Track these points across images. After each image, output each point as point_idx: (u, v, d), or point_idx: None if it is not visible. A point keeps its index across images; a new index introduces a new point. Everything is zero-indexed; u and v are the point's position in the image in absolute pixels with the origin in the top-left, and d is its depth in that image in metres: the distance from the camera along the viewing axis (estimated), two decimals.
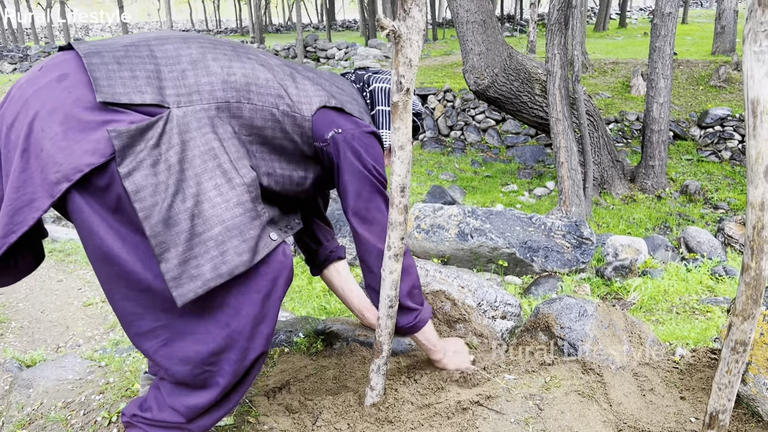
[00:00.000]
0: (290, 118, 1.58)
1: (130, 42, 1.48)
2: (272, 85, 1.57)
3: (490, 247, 4.30)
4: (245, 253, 1.38)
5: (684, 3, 26.98)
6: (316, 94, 1.66)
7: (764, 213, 1.25)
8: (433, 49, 20.05)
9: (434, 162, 11.41)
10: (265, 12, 46.30)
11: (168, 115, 1.36)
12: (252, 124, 1.51)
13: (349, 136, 1.66)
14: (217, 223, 1.35)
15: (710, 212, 8.16)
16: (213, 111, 1.44)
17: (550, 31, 6.98)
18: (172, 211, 1.31)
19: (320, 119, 1.64)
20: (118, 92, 1.33)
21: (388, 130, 1.83)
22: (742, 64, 1.33)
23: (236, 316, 1.43)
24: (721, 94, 11.98)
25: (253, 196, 1.44)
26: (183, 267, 1.31)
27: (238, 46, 1.65)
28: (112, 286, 1.39)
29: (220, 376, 1.46)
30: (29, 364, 2.82)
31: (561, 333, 2.10)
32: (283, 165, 1.61)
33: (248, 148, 1.51)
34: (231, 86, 1.49)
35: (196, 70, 1.47)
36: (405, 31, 1.42)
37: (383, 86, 1.85)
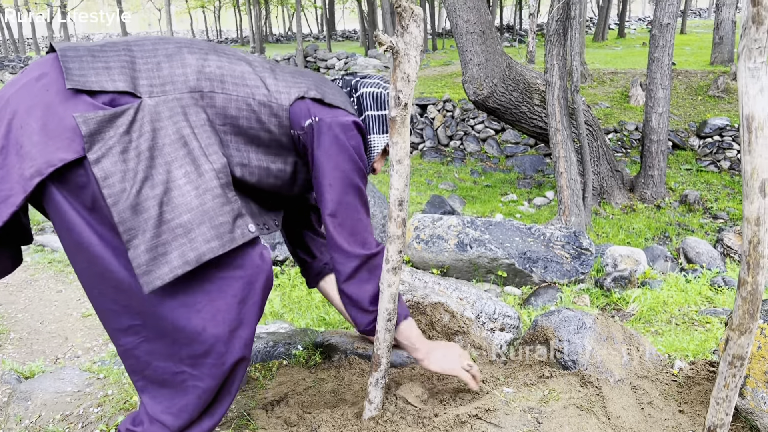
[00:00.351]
0: (267, 107, 1.57)
1: (110, 41, 1.51)
2: (249, 77, 1.57)
3: (489, 258, 4.31)
4: (213, 240, 1.36)
5: (682, 13, 27.11)
6: (296, 85, 1.65)
7: (760, 228, 1.25)
8: (433, 59, 20.13)
9: (434, 171, 11.43)
10: (266, 22, 46.52)
11: (140, 104, 1.37)
12: (226, 113, 1.50)
13: (327, 124, 1.63)
14: (185, 210, 1.34)
15: (709, 222, 8.16)
16: (186, 100, 1.44)
17: (549, 41, 7.02)
18: (141, 198, 1.30)
19: (298, 108, 1.62)
20: (90, 81, 1.34)
21: (378, 135, 1.80)
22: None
23: (212, 320, 1.41)
24: (720, 104, 12.02)
25: (222, 183, 1.42)
26: (150, 254, 1.31)
27: (219, 46, 1.65)
28: (90, 282, 1.40)
29: (199, 380, 1.44)
30: (28, 376, 2.82)
31: (559, 346, 2.10)
32: (260, 156, 1.58)
33: (222, 137, 1.50)
34: (205, 76, 1.49)
35: (172, 62, 1.47)
36: (403, 47, 1.43)
37: (371, 90, 1.81)
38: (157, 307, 1.38)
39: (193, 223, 1.35)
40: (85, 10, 49.13)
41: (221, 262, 1.42)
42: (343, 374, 2.16)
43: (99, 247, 1.34)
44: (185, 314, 1.39)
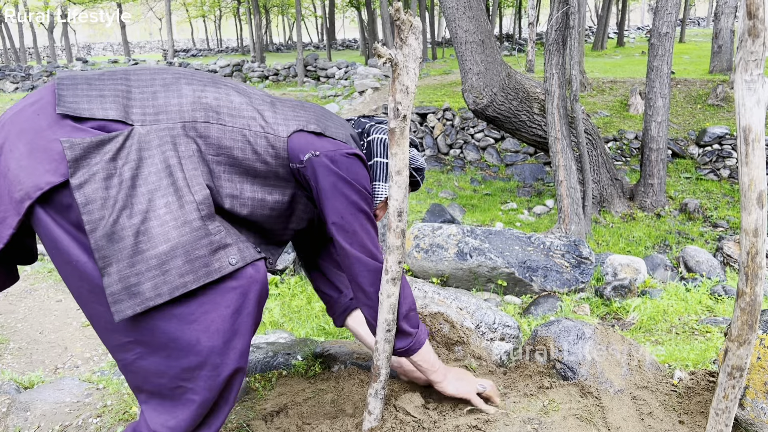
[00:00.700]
0: (263, 138, 1.55)
1: (110, 70, 1.52)
2: (246, 108, 1.56)
3: (489, 267, 4.31)
4: (187, 274, 1.35)
5: (681, 22, 27.22)
6: (295, 118, 1.63)
7: (758, 239, 1.26)
8: (433, 68, 20.20)
9: (434, 180, 11.44)
10: (266, 31, 46.70)
11: (130, 131, 1.37)
12: (220, 144, 1.49)
13: (327, 157, 1.61)
14: (162, 241, 1.33)
15: (709, 230, 8.17)
16: (178, 129, 1.43)
17: (548, 51, 7.04)
18: (117, 226, 1.30)
19: (297, 141, 1.60)
20: (81, 108, 1.35)
21: (384, 183, 1.79)
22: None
23: (206, 332, 1.41)
24: (719, 112, 12.05)
25: (203, 215, 1.40)
26: (122, 283, 1.30)
27: (219, 78, 1.65)
28: (82, 299, 1.40)
29: (195, 393, 1.44)
30: (27, 386, 2.81)
31: (559, 356, 2.10)
32: (255, 188, 1.56)
33: (214, 168, 1.48)
34: (200, 107, 1.49)
35: (168, 92, 1.48)
36: (402, 59, 1.44)
37: (383, 138, 1.80)
38: (150, 320, 1.38)
39: (168, 255, 1.34)
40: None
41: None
42: (343, 385, 2.16)
43: (88, 264, 1.34)
44: (178, 326, 1.39)
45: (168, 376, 1.42)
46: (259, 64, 24.88)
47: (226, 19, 54.01)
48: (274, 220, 1.66)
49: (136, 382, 1.46)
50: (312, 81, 22.18)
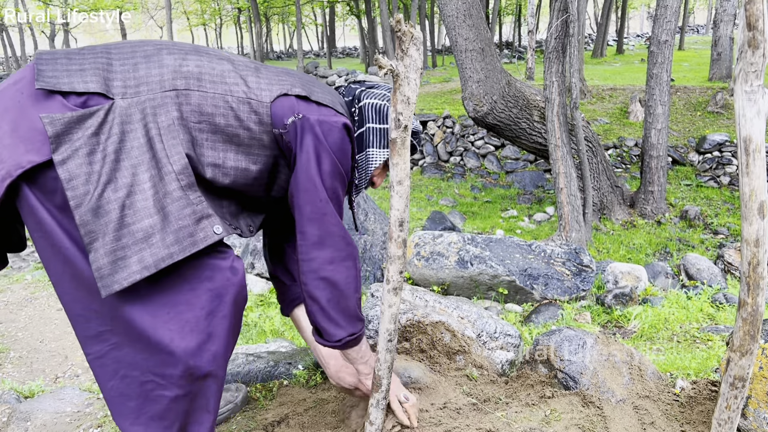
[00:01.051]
0: (246, 104, 1.52)
1: (90, 46, 1.51)
2: (228, 75, 1.53)
3: (490, 275, 4.30)
4: (173, 245, 1.34)
5: (680, 30, 27.30)
6: (279, 83, 1.59)
7: (759, 249, 1.26)
8: (433, 76, 20.25)
9: (434, 187, 11.45)
10: (267, 39, 46.87)
11: (111, 105, 1.36)
12: (201, 110, 1.46)
13: (311, 122, 1.56)
14: (147, 214, 1.33)
15: (710, 238, 8.16)
16: (158, 99, 1.42)
17: (548, 58, 7.06)
18: (102, 200, 1.30)
19: (281, 105, 1.56)
20: (61, 82, 1.34)
21: (378, 149, 1.75)
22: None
23: (180, 332, 1.40)
24: (719, 119, 12.07)
25: (183, 184, 1.39)
26: (109, 257, 1.30)
27: (202, 47, 1.62)
28: (63, 287, 1.39)
29: (166, 389, 1.42)
30: (27, 396, 2.81)
31: (560, 365, 2.09)
32: (239, 157, 1.54)
33: (196, 135, 1.46)
34: (181, 75, 1.46)
35: (149, 63, 1.46)
36: (403, 70, 1.44)
37: (375, 102, 1.75)
38: (126, 315, 1.37)
39: (155, 228, 1.33)
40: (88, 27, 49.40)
41: (190, 274, 1.41)
42: (344, 395, 2.15)
43: (71, 250, 1.33)
44: (152, 324, 1.38)
45: (140, 369, 1.41)
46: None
47: (226, 27, 54.19)
48: (256, 188, 1.63)
49: (105, 377, 1.43)
50: None
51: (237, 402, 2.11)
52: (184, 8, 46.65)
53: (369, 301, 2.61)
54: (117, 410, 1.45)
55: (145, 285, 1.36)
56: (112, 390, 1.44)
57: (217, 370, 1.47)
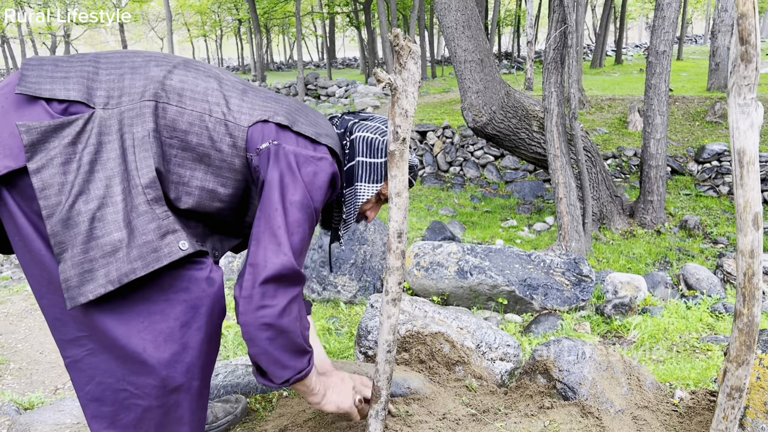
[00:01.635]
0: (222, 125, 1.47)
1: (81, 54, 1.50)
2: (211, 93, 1.49)
3: (489, 285, 4.31)
4: (136, 260, 1.32)
5: (678, 40, 27.43)
6: (262, 108, 1.53)
7: (754, 260, 1.27)
8: (432, 87, 20.34)
9: (434, 197, 11.47)
10: (267, 50, 47.07)
11: (91, 115, 1.35)
12: (175, 126, 1.43)
13: (286, 150, 1.49)
14: (116, 228, 1.32)
15: (710, 247, 8.17)
16: (137, 110, 1.40)
17: (546, 69, 7.10)
18: (73, 212, 1.29)
19: (259, 131, 1.50)
20: (42, 88, 1.34)
21: (366, 183, 1.71)
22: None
23: (153, 342, 1.39)
24: (717, 129, 12.10)
25: (149, 199, 1.36)
26: (76, 269, 1.29)
27: (195, 61, 1.59)
28: (40, 290, 1.40)
29: (140, 399, 1.42)
30: (27, 407, 2.81)
31: (559, 376, 2.10)
32: (207, 177, 1.48)
33: (166, 150, 1.43)
34: (163, 87, 1.44)
35: (135, 74, 1.45)
36: (401, 84, 1.46)
37: (366, 136, 1.71)
38: (101, 323, 1.37)
39: (122, 242, 1.32)
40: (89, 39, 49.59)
41: (165, 284, 1.40)
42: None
43: (47, 257, 1.33)
44: (126, 333, 1.38)
45: (115, 376, 1.41)
46: (260, 83, 25.07)
47: (227, 38, 54.47)
48: (225, 213, 1.57)
49: (81, 381, 1.43)
50: (312, 99, 22.32)
51: (236, 413, 2.11)
52: (185, 20, 46.90)
53: (368, 311, 2.62)
54: (91, 415, 1.45)
55: (120, 294, 1.36)
56: (87, 394, 1.44)
57: (190, 381, 1.46)
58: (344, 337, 3.68)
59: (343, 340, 3.57)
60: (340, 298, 4.74)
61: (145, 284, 1.38)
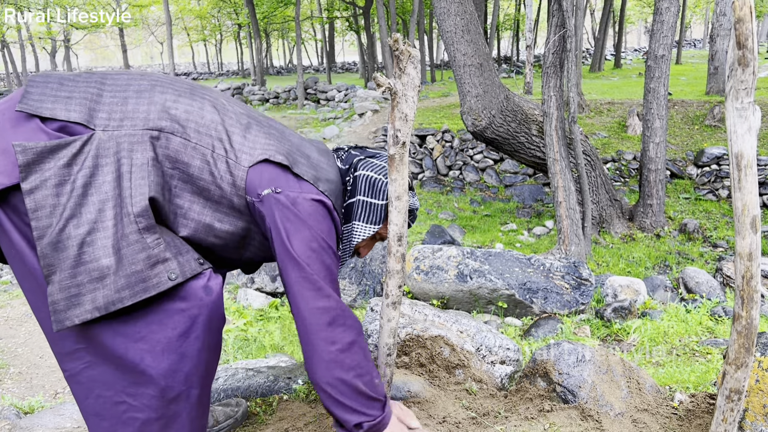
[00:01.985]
0: (224, 163, 1.47)
1: (88, 72, 1.49)
2: (215, 127, 1.49)
3: (489, 289, 4.31)
4: (124, 290, 1.32)
5: (677, 44, 27.50)
6: (264, 148, 1.52)
7: (752, 263, 1.28)
8: (431, 91, 20.37)
9: (433, 201, 11.48)
10: (267, 55, 47.15)
11: (90, 136, 1.34)
12: (177, 158, 1.42)
13: (288, 198, 1.49)
14: (105, 254, 1.31)
15: (709, 251, 8.18)
16: (139, 137, 1.38)
17: (546, 73, 7.12)
18: (62, 236, 1.29)
19: (258, 172, 1.50)
20: (43, 107, 1.33)
21: (364, 223, 1.69)
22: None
23: (151, 351, 1.39)
24: (717, 133, 12.12)
25: (141, 227, 1.35)
26: (63, 293, 1.29)
27: (201, 87, 1.58)
28: (37, 304, 1.40)
29: (138, 411, 1.42)
30: (27, 412, 2.81)
31: (559, 379, 2.10)
32: (205, 211, 1.48)
33: (167, 181, 1.42)
34: (167, 116, 1.43)
35: (139, 99, 1.43)
36: (401, 88, 1.47)
37: (370, 175, 1.69)
38: (98, 335, 1.37)
39: (110, 269, 1.31)
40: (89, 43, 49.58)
41: (162, 294, 1.39)
42: None
43: (41, 274, 1.34)
44: (123, 343, 1.38)
45: (114, 389, 1.41)
46: (259, 87, 25.10)
47: (226, 42, 54.55)
48: (221, 248, 1.57)
49: (81, 395, 1.44)
50: (312, 104, 22.35)
51: (237, 417, 2.11)
52: (185, 24, 47.00)
53: (368, 315, 2.63)
54: (92, 429, 1.46)
55: None
56: (87, 408, 1.45)
57: (189, 390, 1.46)
58: None
59: None
60: None
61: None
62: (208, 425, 1.99)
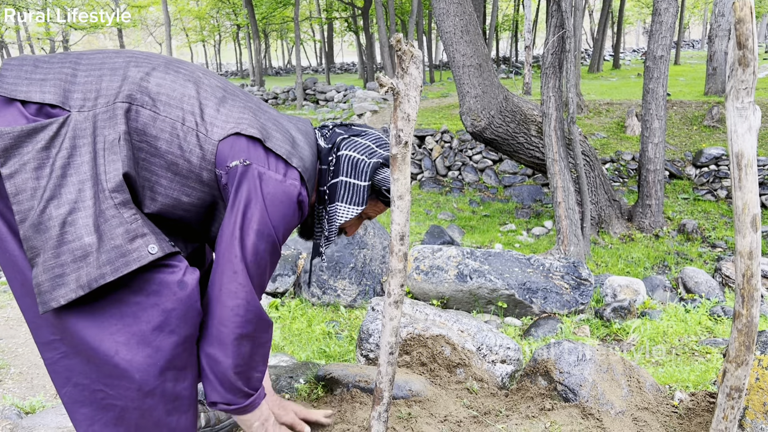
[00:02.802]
0: (194, 136, 1.44)
1: (63, 53, 1.49)
2: (187, 100, 1.46)
3: (489, 289, 4.32)
4: (105, 265, 1.32)
5: (676, 45, 27.54)
6: (237, 121, 1.49)
7: (753, 261, 1.29)
8: (431, 92, 20.38)
9: (432, 202, 11.49)
10: (265, 55, 47.16)
11: (66, 118, 1.34)
12: (146, 131, 1.41)
13: (255, 172, 1.46)
14: (87, 232, 1.31)
15: (708, 251, 8.19)
16: (111, 112, 1.38)
17: (544, 74, 7.14)
18: (44, 217, 1.29)
19: (229, 145, 1.46)
20: (18, 90, 1.33)
21: (346, 204, 1.66)
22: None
23: (126, 344, 1.39)
24: (715, 133, 12.15)
25: (117, 203, 1.35)
26: (48, 274, 1.29)
27: (177, 61, 1.56)
28: (16, 291, 1.41)
29: (116, 399, 1.42)
30: (29, 411, 2.81)
31: (560, 378, 2.11)
32: (172, 185, 1.46)
33: (136, 154, 1.41)
34: (139, 89, 1.42)
35: (114, 76, 1.43)
36: (403, 88, 1.47)
37: (352, 155, 1.66)
38: (73, 326, 1.37)
39: (92, 246, 1.31)
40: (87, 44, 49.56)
41: (137, 288, 1.40)
42: (346, 408, 2.17)
43: (21, 258, 1.34)
44: (98, 335, 1.38)
45: (90, 378, 1.42)
46: (258, 87, 25.11)
47: (225, 43, 54.55)
48: (188, 221, 1.56)
49: (59, 383, 1.44)
50: (311, 104, 22.36)
51: None
52: (183, 25, 46.99)
53: (369, 315, 2.63)
54: (73, 416, 1.47)
55: (93, 298, 1.36)
56: (65, 396, 1.45)
57: (164, 384, 1.45)
58: (344, 341, 3.69)
59: (344, 344, 3.59)
60: (339, 302, 4.75)
61: (116, 288, 1.38)
62: (209, 423, 2.00)
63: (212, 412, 2.03)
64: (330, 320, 4.29)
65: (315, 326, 4.08)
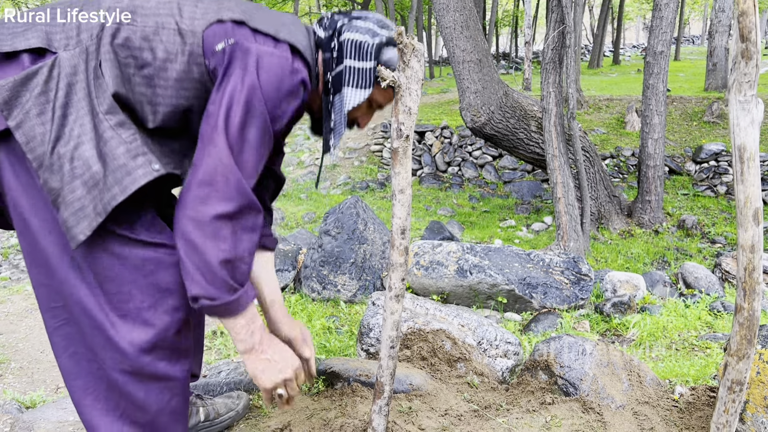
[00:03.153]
0: (177, 35, 1.41)
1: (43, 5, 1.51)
2: (163, 7, 1.45)
3: (489, 284, 4.32)
4: (114, 186, 1.33)
5: (676, 40, 27.51)
6: (218, 9, 1.45)
7: (755, 255, 1.29)
8: (430, 87, 20.36)
9: (432, 197, 11.49)
10: None
11: (54, 60, 1.35)
12: (128, 45, 1.39)
13: (244, 48, 1.40)
14: (93, 162, 1.32)
15: (707, 247, 8.20)
16: (96, 41, 1.38)
17: (545, 69, 7.13)
18: (54, 157, 1.31)
19: (213, 32, 1.42)
20: (3, 44, 1.35)
21: (354, 89, 1.58)
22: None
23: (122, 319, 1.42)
24: (715, 129, 12.15)
25: (113, 124, 1.35)
26: (69, 210, 1.32)
27: None
28: (28, 258, 1.44)
29: (111, 370, 1.45)
30: (29, 406, 2.81)
31: (561, 372, 2.11)
32: (168, 93, 1.43)
33: (124, 71, 1.39)
34: (114, 10, 1.43)
35: (90, 7, 1.44)
36: (404, 81, 1.47)
37: (355, 38, 1.57)
38: (72, 295, 1.41)
39: (100, 173, 1.32)
40: None
41: (132, 266, 1.41)
42: (346, 401, 2.17)
43: (33, 220, 1.38)
44: (96, 308, 1.41)
45: (86, 346, 1.45)
46: None
47: None
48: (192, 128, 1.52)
49: (58, 351, 1.48)
50: None
51: (238, 409, 2.12)
52: None
53: (369, 309, 2.64)
54: (68, 385, 1.50)
55: (90, 270, 1.39)
56: (62, 365, 1.50)
57: (155, 363, 1.46)
58: (345, 336, 3.69)
59: (344, 339, 3.59)
60: (339, 297, 4.75)
61: (114, 264, 1.40)
62: (209, 417, 2.00)
63: (211, 406, 2.03)
64: (330, 315, 4.29)
65: (315, 321, 4.08)
